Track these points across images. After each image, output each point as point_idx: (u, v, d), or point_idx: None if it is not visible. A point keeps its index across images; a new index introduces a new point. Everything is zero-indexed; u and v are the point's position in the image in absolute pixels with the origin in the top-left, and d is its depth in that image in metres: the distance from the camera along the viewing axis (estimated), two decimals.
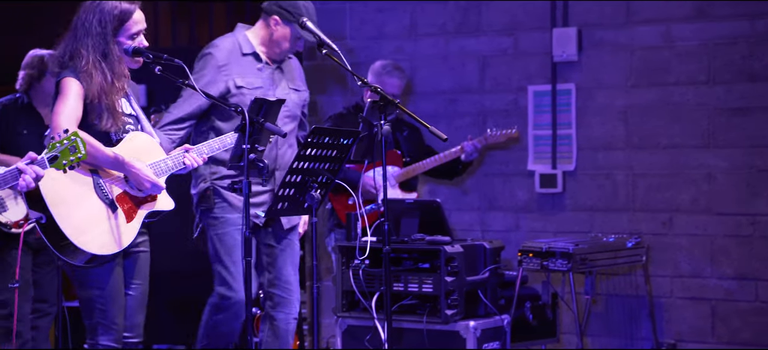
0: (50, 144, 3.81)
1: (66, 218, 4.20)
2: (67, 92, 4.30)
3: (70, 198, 4.25)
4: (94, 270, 4.35)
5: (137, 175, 4.36)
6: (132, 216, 4.41)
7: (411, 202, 6.35)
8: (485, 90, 7.43)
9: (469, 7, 7.44)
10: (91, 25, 4.36)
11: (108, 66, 4.36)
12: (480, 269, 5.91)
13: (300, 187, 4.84)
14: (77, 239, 4.21)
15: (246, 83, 5.08)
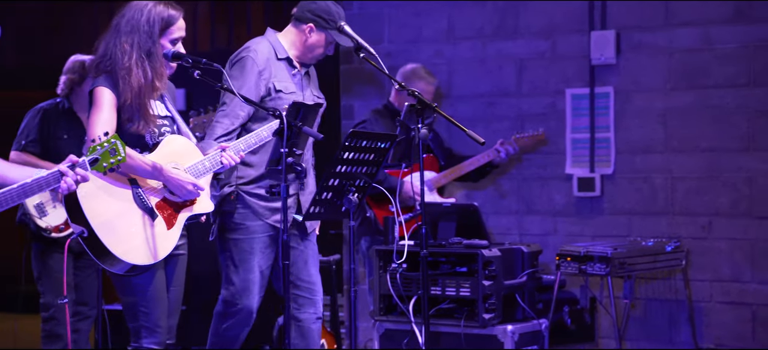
0: (91, 147, 3.84)
1: (107, 230, 4.24)
2: (101, 102, 4.34)
3: (111, 210, 4.28)
4: (135, 278, 4.38)
5: (176, 182, 4.40)
6: (172, 222, 4.44)
7: (448, 206, 6.35)
8: (523, 93, 7.42)
9: (506, 10, 7.42)
10: (138, 23, 4.40)
11: (150, 65, 4.40)
12: (518, 273, 5.90)
13: (337, 191, 4.85)
14: (118, 250, 4.25)
15: (283, 87, 5.08)
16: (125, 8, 4.46)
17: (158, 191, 4.42)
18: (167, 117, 4.57)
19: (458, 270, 5.88)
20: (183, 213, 4.48)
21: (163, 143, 4.48)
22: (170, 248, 4.41)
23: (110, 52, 4.40)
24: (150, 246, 4.33)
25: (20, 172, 3.82)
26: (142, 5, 4.43)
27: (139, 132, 4.39)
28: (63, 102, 6.20)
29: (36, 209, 5.89)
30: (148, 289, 4.41)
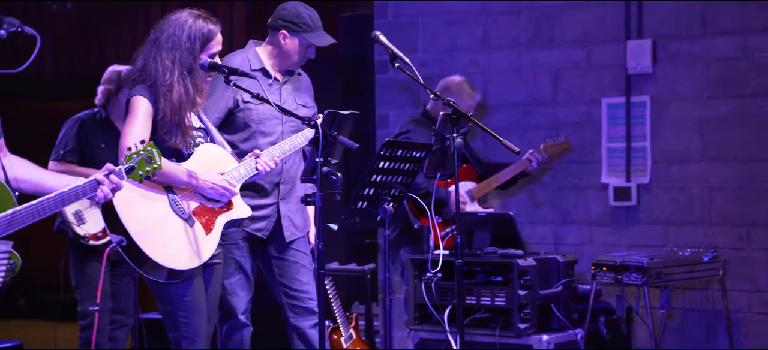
0: (127, 155, 3.87)
1: (146, 237, 4.27)
2: (137, 111, 4.37)
3: (148, 217, 4.32)
4: (175, 286, 4.41)
5: (210, 185, 4.44)
6: (210, 227, 4.47)
7: (483, 215, 6.34)
8: (558, 102, 7.40)
9: (541, 19, 7.41)
10: (179, 40, 4.42)
11: (192, 81, 4.43)
12: (553, 282, 5.88)
13: (373, 201, 4.86)
14: (158, 256, 4.28)
15: (252, 99, 5.11)
16: (164, 23, 4.49)
17: (194, 197, 4.45)
18: (201, 128, 4.61)
19: (493, 279, 5.87)
20: (221, 218, 4.52)
21: (197, 151, 4.51)
22: (210, 252, 4.45)
23: (150, 67, 4.42)
24: (189, 251, 4.37)
25: (58, 181, 3.86)
26: (182, 20, 4.46)
27: (177, 146, 4.43)
28: (100, 112, 6.26)
29: (74, 217, 5.94)
30: (186, 298, 4.43)
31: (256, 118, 5.10)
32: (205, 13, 4.53)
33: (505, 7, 7.50)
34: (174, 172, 4.37)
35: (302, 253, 5.23)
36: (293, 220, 5.19)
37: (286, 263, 5.19)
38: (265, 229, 5.13)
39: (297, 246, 5.22)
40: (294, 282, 5.19)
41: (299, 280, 5.19)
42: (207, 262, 4.47)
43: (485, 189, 6.71)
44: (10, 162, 3.82)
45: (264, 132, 5.10)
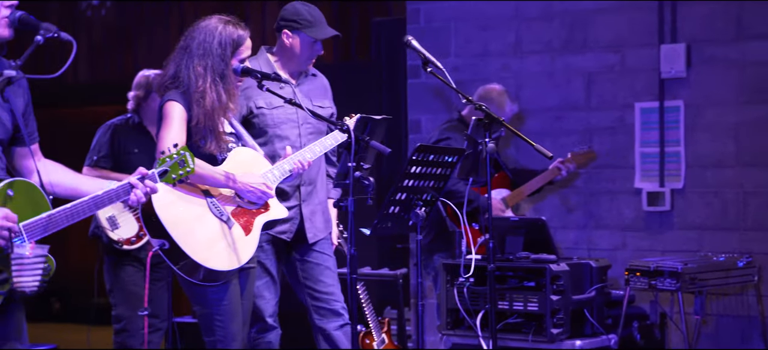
0: (160, 158, 3.90)
1: (187, 239, 4.30)
2: (171, 116, 4.40)
3: (188, 220, 4.35)
4: (212, 289, 4.43)
5: (247, 187, 4.47)
6: (249, 228, 4.51)
7: (516, 220, 6.33)
8: (591, 107, 7.37)
9: (574, 24, 7.39)
10: (210, 46, 4.45)
11: (224, 87, 4.46)
12: (586, 288, 5.86)
13: (405, 205, 4.86)
14: (200, 257, 4.31)
15: (265, 103, 5.14)
16: (194, 30, 4.52)
17: (232, 200, 4.49)
18: (232, 134, 4.64)
19: (526, 284, 5.85)
20: (259, 219, 4.55)
21: (231, 155, 4.55)
22: (250, 253, 4.48)
23: (182, 74, 4.45)
24: (230, 252, 4.40)
25: (92, 184, 3.88)
26: (213, 27, 4.48)
27: (212, 152, 4.45)
28: (133, 117, 6.29)
29: (108, 222, 5.98)
30: (223, 302, 4.46)
31: (271, 122, 5.13)
32: (234, 19, 4.55)
33: (538, 11, 7.48)
34: (212, 175, 4.40)
35: (326, 255, 5.25)
36: (315, 222, 5.21)
37: (310, 265, 5.22)
38: (288, 232, 5.15)
39: (320, 247, 5.24)
40: (318, 283, 5.21)
41: (324, 282, 5.21)
42: (242, 266, 4.50)
43: (518, 197, 6.71)
44: (45, 166, 3.85)
45: (280, 136, 5.12)
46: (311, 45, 5.18)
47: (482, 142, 4.96)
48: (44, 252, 3.57)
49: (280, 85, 5.06)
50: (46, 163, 3.89)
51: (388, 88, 8.31)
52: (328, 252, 5.28)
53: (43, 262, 3.56)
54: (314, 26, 5.17)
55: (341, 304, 5.23)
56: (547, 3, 7.44)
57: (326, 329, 5.19)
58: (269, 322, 5.15)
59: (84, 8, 9.88)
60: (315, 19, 5.18)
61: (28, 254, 3.51)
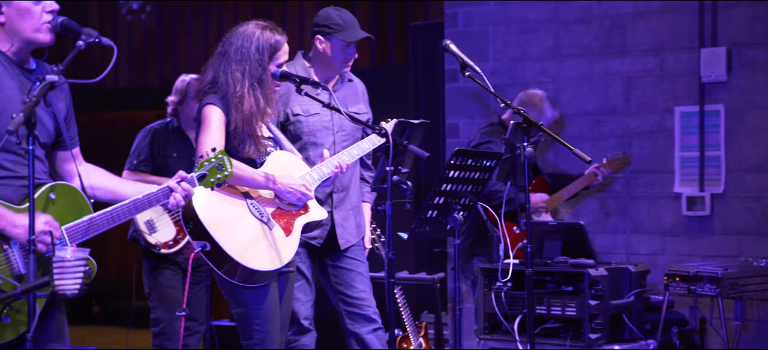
0: (199, 162, 3.93)
1: (228, 240, 4.33)
2: (209, 121, 4.43)
3: (229, 221, 4.38)
4: (252, 292, 4.45)
5: (287, 188, 4.49)
6: (290, 229, 4.53)
7: (554, 224, 6.31)
8: (630, 111, 7.33)
9: (613, 28, 7.35)
10: (248, 52, 4.48)
11: (262, 91, 4.48)
12: (625, 293, 5.83)
13: (443, 209, 4.86)
14: (242, 257, 4.33)
15: (302, 111, 5.16)
16: (232, 35, 4.54)
17: (271, 201, 4.52)
18: (270, 138, 4.66)
19: (564, 289, 5.83)
20: (299, 220, 4.57)
21: (270, 159, 4.57)
22: (292, 254, 4.50)
23: (220, 79, 4.48)
24: (271, 252, 4.42)
25: (132, 188, 3.92)
26: (250, 32, 4.51)
27: (251, 156, 4.48)
28: (172, 121, 6.33)
29: (146, 225, 6.02)
30: (262, 306, 4.48)
31: (306, 130, 5.15)
32: (272, 24, 4.58)
33: (577, 15, 7.45)
34: (252, 177, 4.43)
35: (358, 261, 5.26)
36: (347, 228, 5.22)
37: (343, 271, 5.23)
38: (319, 238, 5.17)
39: (352, 253, 5.25)
40: (351, 289, 5.22)
41: (356, 288, 5.22)
42: (282, 269, 4.52)
43: (556, 202, 6.69)
44: (86, 170, 3.89)
45: (315, 143, 5.14)
46: (344, 49, 5.19)
47: (520, 146, 4.95)
48: (85, 255, 3.60)
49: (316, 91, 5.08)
50: (86, 166, 3.93)
51: (425, 92, 8.31)
52: (361, 258, 5.29)
53: (84, 265, 3.59)
54: (345, 30, 5.18)
55: (374, 309, 5.24)
56: (585, 6, 7.41)
57: (359, 333, 5.20)
58: (304, 325, 5.17)
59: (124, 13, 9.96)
60: (346, 23, 5.19)
61: (69, 257, 3.55)
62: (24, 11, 3.67)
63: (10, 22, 3.67)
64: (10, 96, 3.63)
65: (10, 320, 3.55)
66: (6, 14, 3.67)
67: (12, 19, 3.67)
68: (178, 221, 6.06)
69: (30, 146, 3.37)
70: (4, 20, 3.67)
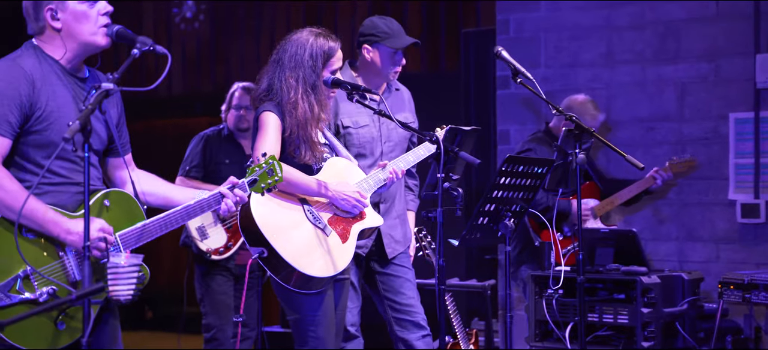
0: (249, 168, 3.96)
1: (285, 246, 4.35)
2: (266, 126, 4.46)
3: (286, 227, 4.40)
4: (308, 298, 4.47)
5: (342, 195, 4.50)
6: (346, 236, 4.55)
7: (606, 232, 6.27)
8: (684, 118, 7.27)
9: (667, 34, 7.30)
10: (302, 59, 4.51)
11: (316, 97, 4.51)
12: (678, 301, 5.78)
13: (493, 216, 4.84)
14: (298, 263, 4.35)
15: (352, 123, 5.17)
16: (286, 42, 4.58)
17: (328, 208, 4.54)
18: (325, 144, 4.68)
19: (616, 296, 5.79)
20: (355, 226, 4.59)
21: (326, 165, 4.60)
22: (347, 261, 4.52)
23: (275, 86, 4.52)
24: (327, 259, 4.44)
25: (184, 194, 3.95)
26: (304, 39, 4.54)
27: (306, 162, 4.50)
28: (225, 128, 6.38)
29: (198, 232, 6.06)
30: (318, 312, 4.50)
31: (356, 142, 5.16)
32: (325, 31, 4.60)
33: (630, 21, 7.40)
34: (306, 183, 4.45)
35: (405, 268, 5.27)
36: (394, 236, 5.23)
37: (391, 278, 5.23)
38: (365, 247, 5.18)
39: (399, 261, 5.26)
40: (399, 296, 5.22)
41: (405, 294, 5.22)
42: (337, 277, 4.54)
43: (608, 206, 6.65)
44: (138, 176, 3.93)
45: (364, 154, 5.16)
46: (392, 56, 5.20)
47: (572, 152, 4.92)
48: (139, 261, 3.63)
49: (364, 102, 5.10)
50: (138, 172, 3.97)
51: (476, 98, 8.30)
52: (408, 265, 5.30)
53: (138, 271, 3.62)
54: (392, 37, 5.18)
55: (422, 316, 5.24)
56: (638, 12, 7.36)
57: (409, 340, 5.20)
58: (351, 331, 5.18)
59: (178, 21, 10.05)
60: (392, 30, 5.20)
61: (123, 263, 3.58)
62: (80, 15, 3.71)
63: (67, 26, 3.71)
64: (63, 104, 3.67)
65: (65, 326, 3.59)
66: (62, 20, 3.71)
67: (68, 24, 3.71)
68: (229, 227, 6.10)
69: (85, 153, 3.40)
70: (61, 26, 3.71)
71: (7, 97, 3.59)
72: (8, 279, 3.52)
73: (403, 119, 5.29)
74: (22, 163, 3.64)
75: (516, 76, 5.00)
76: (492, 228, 4.88)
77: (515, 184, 4.83)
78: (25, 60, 3.69)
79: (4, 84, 3.60)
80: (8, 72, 3.64)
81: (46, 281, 3.57)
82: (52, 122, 3.64)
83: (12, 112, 3.59)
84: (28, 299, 3.54)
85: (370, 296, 5.36)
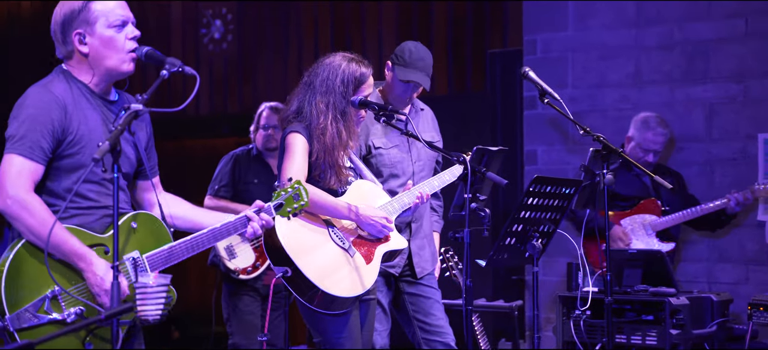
0: (276, 192, 3.97)
1: (309, 266, 4.36)
2: (294, 148, 4.47)
3: (310, 247, 4.41)
4: (333, 319, 4.47)
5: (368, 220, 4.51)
6: (370, 257, 4.55)
7: (634, 252, 6.24)
8: (713, 138, 7.23)
9: (695, 54, 7.27)
10: (333, 84, 4.53)
11: (344, 124, 4.52)
12: (707, 322, 5.74)
13: (521, 237, 4.83)
14: (322, 283, 4.36)
15: (382, 144, 5.17)
16: (318, 66, 4.59)
17: (353, 229, 4.55)
18: (351, 168, 4.69)
19: (644, 318, 5.76)
20: (380, 248, 4.60)
21: (352, 188, 4.60)
22: (372, 281, 4.52)
23: (304, 109, 4.54)
24: (352, 279, 4.45)
25: (210, 217, 3.97)
26: (336, 64, 4.56)
27: (332, 186, 4.51)
28: (253, 148, 6.40)
29: (226, 251, 6.08)
30: (343, 334, 4.50)
31: (388, 162, 5.17)
32: (358, 57, 4.61)
33: (658, 41, 7.38)
34: (334, 206, 4.46)
35: (433, 288, 5.28)
36: (423, 256, 5.24)
37: (420, 299, 5.23)
38: (397, 266, 5.18)
39: (427, 281, 5.27)
40: (430, 317, 5.22)
41: (435, 315, 5.22)
42: (362, 297, 4.54)
43: (669, 223, 6.55)
44: (165, 199, 3.95)
45: (396, 175, 5.17)
46: (403, 83, 5.20)
47: (600, 173, 4.90)
48: (167, 281, 3.65)
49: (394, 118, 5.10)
50: (165, 196, 3.99)
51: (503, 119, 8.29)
52: (435, 286, 5.30)
53: (166, 291, 3.64)
54: (407, 67, 5.17)
55: (451, 337, 5.24)
56: (667, 33, 7.34)
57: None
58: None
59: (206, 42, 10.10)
60: (411, 61, 5.18)
61: (151, 283, 3.60)
62: (108, 41, 3.74)
63: (94, 51, 3.74)
64: (94, 128, 3.70)
65: (94, 346, 3.60)
66: (90, 45, 3.74)
67: (96, 49, 3.74)
68: (257, 247, 6.11)
69: (114, 174, 3.42)
70: (88, 50, 3.74)
71: (39, 123, 3.62)
72: (36, 299, 3.55)
73: (430, 138, 5.29)
74: (53, 188, 3.67)
75: (543, 97, 4.99)
76: (519, 249, 4.87)
77: (543, 205, 4.82)
78: (55, 85, 3.72)
79: (36, 110, 3.63)
80: (40, 98, 3.67)
81: (75, 301, 3.58)
82: (83, 145, 3.67)
83: (44, 138, 3.62)
84: (56, 319, 3.56)
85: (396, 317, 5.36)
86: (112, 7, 3.75)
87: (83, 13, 3.72)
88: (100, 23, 3.73)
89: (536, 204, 4.80)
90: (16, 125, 3.64)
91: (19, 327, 3.50)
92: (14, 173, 3.58)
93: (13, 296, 3.53)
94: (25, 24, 10.93)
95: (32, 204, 3.56)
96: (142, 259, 3.70)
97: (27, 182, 3.58)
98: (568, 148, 7.48)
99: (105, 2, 3.74)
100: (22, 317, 3.52)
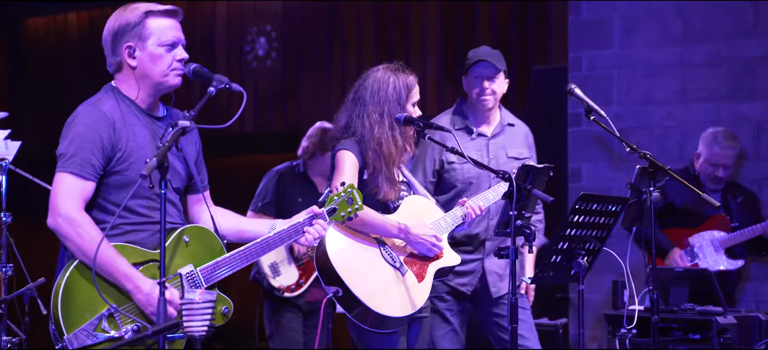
0: (328, 197, 3.95)
1: (360, 286, 4.36)
2: (343, 165, 4.48)
3: (362, 267, 4.41)
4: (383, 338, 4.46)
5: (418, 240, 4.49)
6: (423, 275, 4.54)
7: (680, 271, 6.19)
8: (760, 156, 7.17)
9: (742, 72, 7.21)
10: (386, 93, 4.54)
11: (400, 131, 4.53)
12: (755, 341, 5.68)
13: (567, 254, 4.81)
14: (373, 303, 4.35)
15: (456, 158, 5.15)
16: (365, 81, 4.60)
17: (404, 247, 4.53)
18: (403, 182, 4.68)
19: (691, 337, 5.70)
20: (432, 266, 4.58)
21: (404, 204, 4.60)
22: (424, 300, 4.51)
23: (355, 123, 4.54)
24: (403, 298, 4.44)
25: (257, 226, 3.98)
26: (383, 76, 4.57)
27: (386, 200, 4.51)
28: (299, 165, 6.41)
29: (270, 269, 6.09)
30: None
31: (461, 177, 5.17)
32: (401, 65, 4.63)
33: (704, 59, 7.33)
34: (383, 224, 4.46)
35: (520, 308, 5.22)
36: (500, 275, 5.20)
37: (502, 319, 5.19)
38: (468, 285, 5.16)
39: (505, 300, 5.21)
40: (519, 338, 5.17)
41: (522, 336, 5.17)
42: (414, 316, 4.52)
43: (738, 239, 6.47)
44: (215, 212, 3.97)
45: (470, 191, 5.14)
46: (473, 76, 5.22)
47: (647, 191, 4.87)
48: (213, 297, 3.66)
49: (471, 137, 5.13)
50: (215, 209, 4.01)
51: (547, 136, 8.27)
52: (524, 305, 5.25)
53: (212, 307, 3.65)
54: (473, 57, 5.24)
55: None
56: (713, 50, 7.29)
57: None
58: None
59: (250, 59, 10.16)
60: (473, 54, 5.28)
61: (198, 299, 3.61)
62: (156, 57, 3.77)
63: (142, 65, 3.76)
64: (143, 144, 3.73)
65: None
66: (138, 59, 3.77)
67: (144, 64, 3.76)
68: (301, 265, 6.12)
69: (162, 190, 3.44)
70: (136, 64, 3.77)
71: (89, 140, 3.65)
72: (93, 319, 3.57)
73: (518, 154, 5.29)
74: (104, 204, 3.71)
75: (589, 114, 4.97)
76: (565, 267, 4.84)
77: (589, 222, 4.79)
78: (104, 103, 3.75)
79: (86, 128, 3.67)
80: (89, 116, 3.70)
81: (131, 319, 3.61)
82: (132, 162, 3.70)
83: (95, 155, 3.65)
84: (113, 337, 3.58)
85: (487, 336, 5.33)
86: (166, 26, 3.78)
87: (137, 28, 3.75)
88: (151, 40, 3.76)
89: (582, 222, 4.77)
90: (67, 143, 3.67)
91: (78, 347, 3.53)
92: (65, 192, 3.61)
93: (70, 316, 3.56)
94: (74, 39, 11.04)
95: (82, 223, 3.59)
96: (196, 272, 3.72)
97: (77, 201, 3.62)
98: (613, 166, 7.43)
99: (160, 20, 3.78)
100: (79, 337, 3.55)
